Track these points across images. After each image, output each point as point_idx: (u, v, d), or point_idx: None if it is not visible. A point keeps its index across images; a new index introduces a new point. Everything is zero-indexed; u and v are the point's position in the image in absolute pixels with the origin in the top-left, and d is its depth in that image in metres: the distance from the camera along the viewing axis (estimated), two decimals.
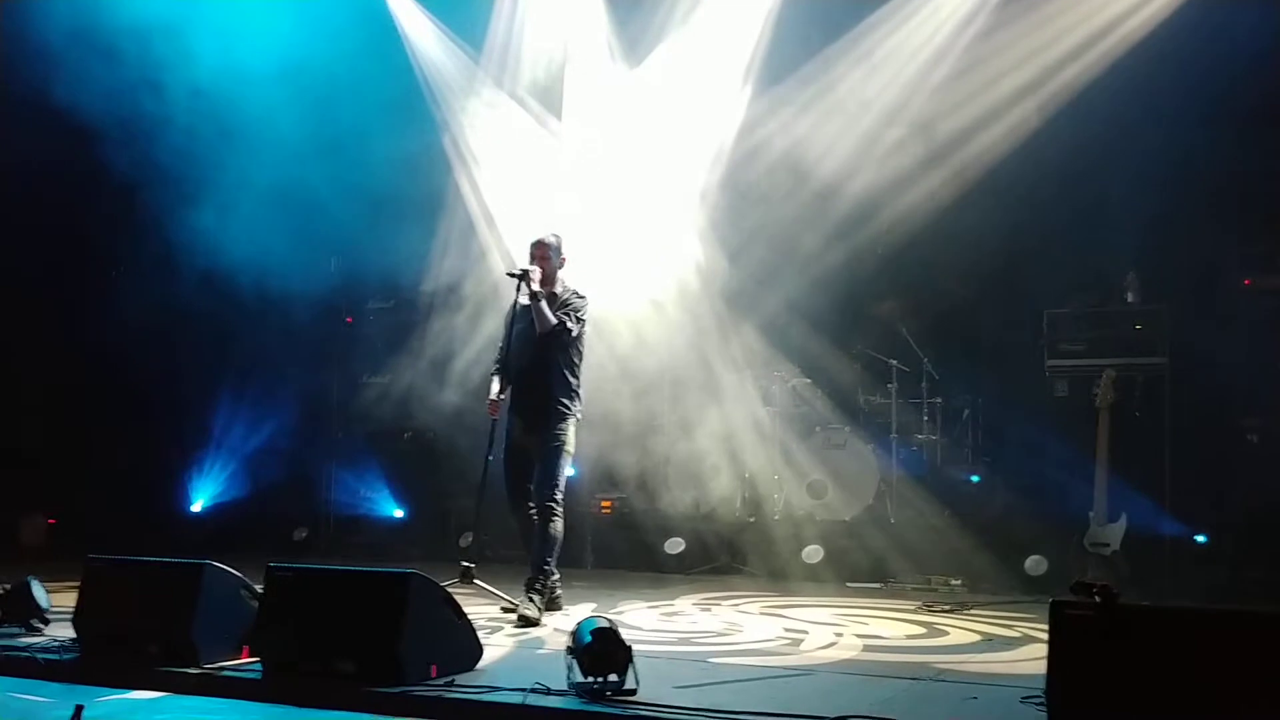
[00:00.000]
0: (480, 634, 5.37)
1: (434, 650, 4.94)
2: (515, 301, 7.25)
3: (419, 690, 4.69)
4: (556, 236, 7.35)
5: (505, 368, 7.36)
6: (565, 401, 7.12)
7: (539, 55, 10.63)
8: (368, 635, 4.90)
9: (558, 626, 6.51)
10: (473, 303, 10.35)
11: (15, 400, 10.74)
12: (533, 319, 7.05)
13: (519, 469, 7.20)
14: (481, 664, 5.22)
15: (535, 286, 7.07)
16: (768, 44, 9.94)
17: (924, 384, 9.99)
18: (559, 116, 10.61)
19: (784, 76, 10.03)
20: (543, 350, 7.10)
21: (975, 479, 9.97)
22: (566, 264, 7.35)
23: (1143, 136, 8.80)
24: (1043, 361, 9.38)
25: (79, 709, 3.47)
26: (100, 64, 9.41)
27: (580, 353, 7.28)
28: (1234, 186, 8.74)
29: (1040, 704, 4.08)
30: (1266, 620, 3.85)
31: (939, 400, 10.04)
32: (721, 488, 9.95)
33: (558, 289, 7.25)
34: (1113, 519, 8.25)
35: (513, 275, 7.20)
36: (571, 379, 7.18)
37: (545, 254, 7.22)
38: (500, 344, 7.48)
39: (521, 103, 10.72)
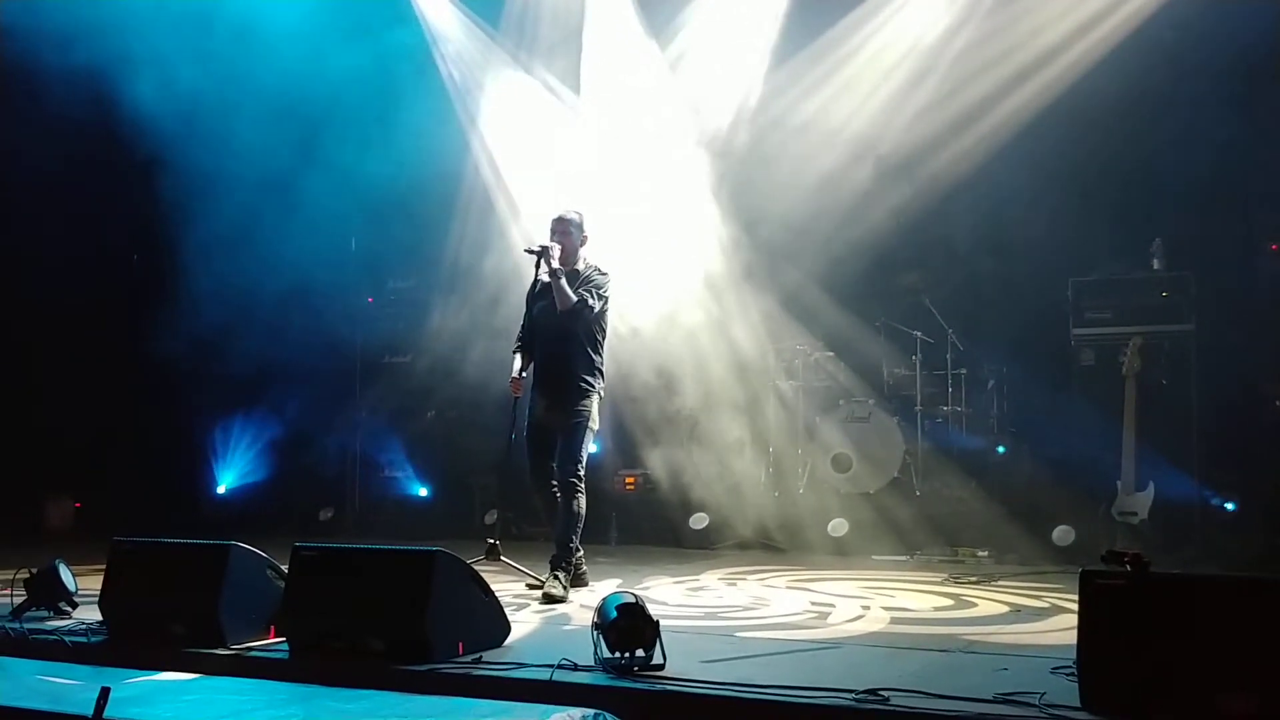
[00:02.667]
0: (507, 611, 5.35)
1: (461, 628, 4.92)
2: (536, 279, 7.21)
3: (446, 668, 4.67)
4: (578, 213, 7.27)
5: (527, 345, 7.33)
6: (588, 378, 7.08)
7: (556, 27, 10.56)
8: (394, 614, 4.88)
9: (583, 603, 6.50)
10: (494, 280, 10.33)
11: (41, 384, 10.78)
12: (554, 296, 7.02)
13: (541, 447, 7.16)
14: (509, 641, 5.20)
15: (555, 263, 7.02)
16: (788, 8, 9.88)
17: (949, 355, 9.91)
18: (577, 90, 10.56)
19: (806, 43, 9.96)
20: (565, 327, 7.05)
21: (1001, 450, 9.91)
22: (589, 241, 7.29)
23: (1169, 102, 8.69)
24: (1068, 330, 9.30)
25: (105, 691, 3.46)
26: (117, 49, 9.40)
27: (603, 329, 7.22)
28: (1261, 151, 8.63)
29: (1071, 674, 4.05)
30: None
31: (964, 371, 9.95)
32: (745, 462, 9.91)
33: (579, 266, 7.18)
34: (1141, 488, 8.21)
35: (531, 252, 7.16)
36: (594, 356, 7.13)
37: (566, 230, 7.16)
38: (522, 321, 7.43)
39: (539, 76, 10.67)
